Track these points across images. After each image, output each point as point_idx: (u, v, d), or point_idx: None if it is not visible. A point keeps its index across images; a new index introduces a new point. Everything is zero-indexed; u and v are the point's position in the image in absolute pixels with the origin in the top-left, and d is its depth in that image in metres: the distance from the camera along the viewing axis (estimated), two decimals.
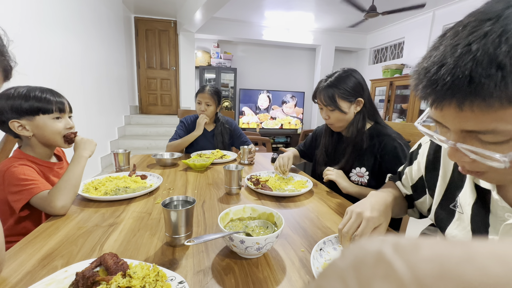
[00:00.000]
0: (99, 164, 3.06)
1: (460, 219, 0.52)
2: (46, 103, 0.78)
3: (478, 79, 0.29)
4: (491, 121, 0.32)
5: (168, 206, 0.62)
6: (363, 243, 0.12)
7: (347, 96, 0.94)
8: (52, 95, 0.80)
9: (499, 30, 0.29)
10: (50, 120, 0.80)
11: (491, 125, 0.32)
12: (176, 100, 4.90)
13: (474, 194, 0.49)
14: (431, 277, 0.09)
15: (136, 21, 4.50)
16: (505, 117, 0.31)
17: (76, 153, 0.81)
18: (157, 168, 1.24)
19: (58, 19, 2.22)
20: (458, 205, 0.53)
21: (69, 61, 2.41)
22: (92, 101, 2.89)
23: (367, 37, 5.34)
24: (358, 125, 0.97)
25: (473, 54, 0.29)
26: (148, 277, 0.43)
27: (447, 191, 0.56)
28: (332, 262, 0.12)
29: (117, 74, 3.69)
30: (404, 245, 0.11)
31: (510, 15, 0.29)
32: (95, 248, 0.57)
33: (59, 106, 0.81)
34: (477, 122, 0.33)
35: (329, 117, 0.99)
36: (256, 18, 4.56)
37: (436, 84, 0.33)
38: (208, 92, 1.56)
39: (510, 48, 0.28)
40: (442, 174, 0.57)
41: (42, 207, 0.71)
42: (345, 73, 0.95)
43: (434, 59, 0.33)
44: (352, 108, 0.97)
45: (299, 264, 0.54)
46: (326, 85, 0.96)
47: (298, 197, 0.91)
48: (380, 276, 0.10)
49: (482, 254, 0.10)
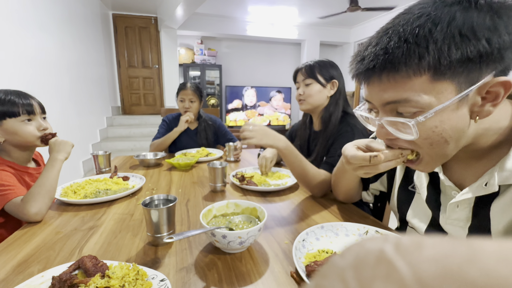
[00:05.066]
0: (81, 168, 2.96)
1: (418, 200, 0.58)
2: (11, 106, 0.75)
3: (391, 50, 0.38)
4: (404, 91, 0.39)
5: (149, 205, 0.61)
6: (364, 242, 0.12)
7: (324, 74, 1.00)
8: (18, 97, 0.77)
9: (407, 17, 0.38)
10: (18, 123, 0.76)
11: (404, 94, 0.39)
12: (160, 99, 4.80)
13: (427, 176, 0.55)
14: (434, 278, 0.09)
15: (114, 18, 4.34)
16: (415, 87, 0.38)
17: (50, 156, 0.78)
18: (140, 169, 1.21)
19: (29, 18, 2.10)
20: (416, 186, 0.58)
21: (43, 61, 2.30)
22: (70, 102, 2.77)
23: (351, 31, 5.42)
24: (330, 109, 1.01)
25: (388, 34, 0.39)
26: (128, 276, 0.42)
27: (405, 174, 0.62)
28: (332, 261, 0.12)
29: (96, 74, 3.56)
30: (406, 244, 0.11)
31: (413, 8, 0.38)
32: (74, 252, 0.56)
33: (26, 108, 0.77)
34: (394, 92, 0.40)
35: (304, 93, 1.02)
36: (240, 13, 4.52)
37: (363, 59, 0.41)
38: (191, 88, 1.54)
39: (412, 30, 0.36)
40: None
41: (16, 214, 0.69)
42: (327, 60, 1.03)
43: (364, 45, 0.43)
44: (328, 87, 1.00)
45: (283, 255, 0.54)
46: (308, 64, 1.03)
47: (283, 191, 0.92)
48: (381, 276, 0.10)
49: (486, 254, 0.09)
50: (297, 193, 0.91)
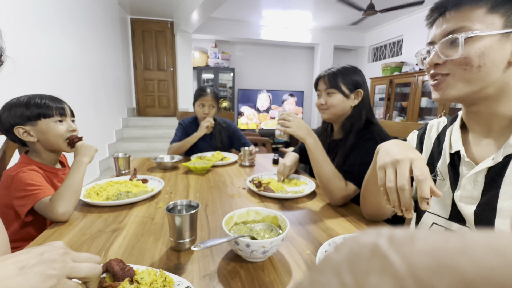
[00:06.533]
0: (97, 168, 3.05)
1: (441, 186, 0.61)
2: (46, 109, 0.80)
3: None
4: (463, 20, 0.47)
5: (172, 210, 0.62)
6: (358, 236, 0.12)
7: (348, 83, 0.96)
8: (52, 100, 0.83)
9: None
10: (52, 123, 0.81)
11: (463, 23, 0.47)
12: (174, 101, 4.89)
13: (448, 159, 0.60)
14: (427, 270, 0.09)
15: (132, 22, 4.48)
16: (473, 18, 0.47)
17: (76, 159, 0.81)
18: (157, 171, 1.24)
19: (53, 23, 2.20)
20: (438, 174, 0.62)
21: (66, 64, 2.40)
22: (89, 104, 2.87)
23: (365, 35, 5.35)
24: (353, 119, 0.97)
25: None
26: (156, 283, 0.43)
27: (428, 164, 0.65)
28: (326, 255, 0.12)
29: (114, 76, 3.68)
30: (399, 237, 0.11)
31: None
32: (100, 254, 0.57)
33: (59, 110, 0.83)
34: (455, 22, 0.48)
35: (326, 102, 0.99)
36: (254, 17, 4.56)
37: None
38: (211, 94, 1.56)
39: None
40: (425, 152, 0.68)
41: (45, 213, 0.71)
42: (351, 67, 1.00)
43: None
44: (351, 97, 0.97)
45: (305, 266, 0.54)
46: (331, 71, 0.99)
47: (301, 198, 0.92)
48: (376, 269, 0.10)
49: (477, 246, 0.10)
50: (314, 201, 0.90)
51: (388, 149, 0.55)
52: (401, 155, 0.52)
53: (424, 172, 0.49)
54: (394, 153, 0.53)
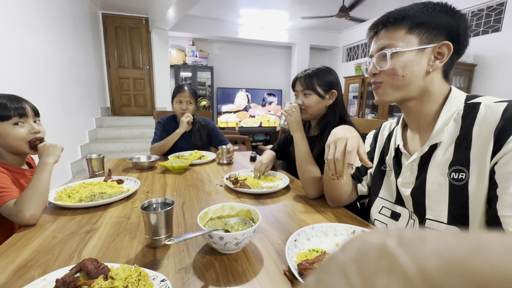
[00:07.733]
0: (69, 170, 2.90)
1: (389, 176, 0.73)
2: (2, 110, 0.76)
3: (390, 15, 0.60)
4: (390, 39, 0.59)
5: (147, 209, 0.63)
6: (366, 235, 0.12)
7: (323, 84, 1.03)
8: (10, 100, 0.77)
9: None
10: (10, 126, 0.77)
11: (390, 41, 0.58)
12: (151, 100, 4.75)
13: (393, 153, 0.71)
14: (439, 272, 0.09)
15: (104, 18, 4.28)
16: (396, 37, 0.58)
17: (40, 160, 0.78)
18: (133, 172, 1.22)
19: (14, 16, 2.06)
20: (387, 165, 0.74)
21: (31, 62, 2.25)
22: (58, 103, 2.72)
23: (340, 35, 5.55)
24: (328, 117, 1.05)
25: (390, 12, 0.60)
26: (130, 277, 0.44)
27: (380, 157, 0.77)
28: (333, 255, 0.12)
29: (85, 74, 3.50)
30: (409, 238, 0.11)
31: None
32: (73, 255, 0.57)
33: (18, 111, 0.78)
34: (384, 40, 0.60)
35: (303, 103, 1.05)
36: (231, 16, 4.55)
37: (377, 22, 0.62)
38: (189, 90, 1.57)
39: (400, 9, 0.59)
40: (378, 148, 0.79)
41: (11, 217, 0.69)
42: (325, 68, 1.06)
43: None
44: (326, 97, 1.04)
45: (276, 255, 0.58)
46: (307, 73, 1.05)
47: (275, 193, 0.96)
48: (384, 270, 0.10)
49: (493, 248, 0.09)
50: (288, 195, 0.95)
51: (334, 132, 0.71)
52: (340, 135, 0.68)
53: (354, 146, 0.64)
54: (336, 134, 0.69)
